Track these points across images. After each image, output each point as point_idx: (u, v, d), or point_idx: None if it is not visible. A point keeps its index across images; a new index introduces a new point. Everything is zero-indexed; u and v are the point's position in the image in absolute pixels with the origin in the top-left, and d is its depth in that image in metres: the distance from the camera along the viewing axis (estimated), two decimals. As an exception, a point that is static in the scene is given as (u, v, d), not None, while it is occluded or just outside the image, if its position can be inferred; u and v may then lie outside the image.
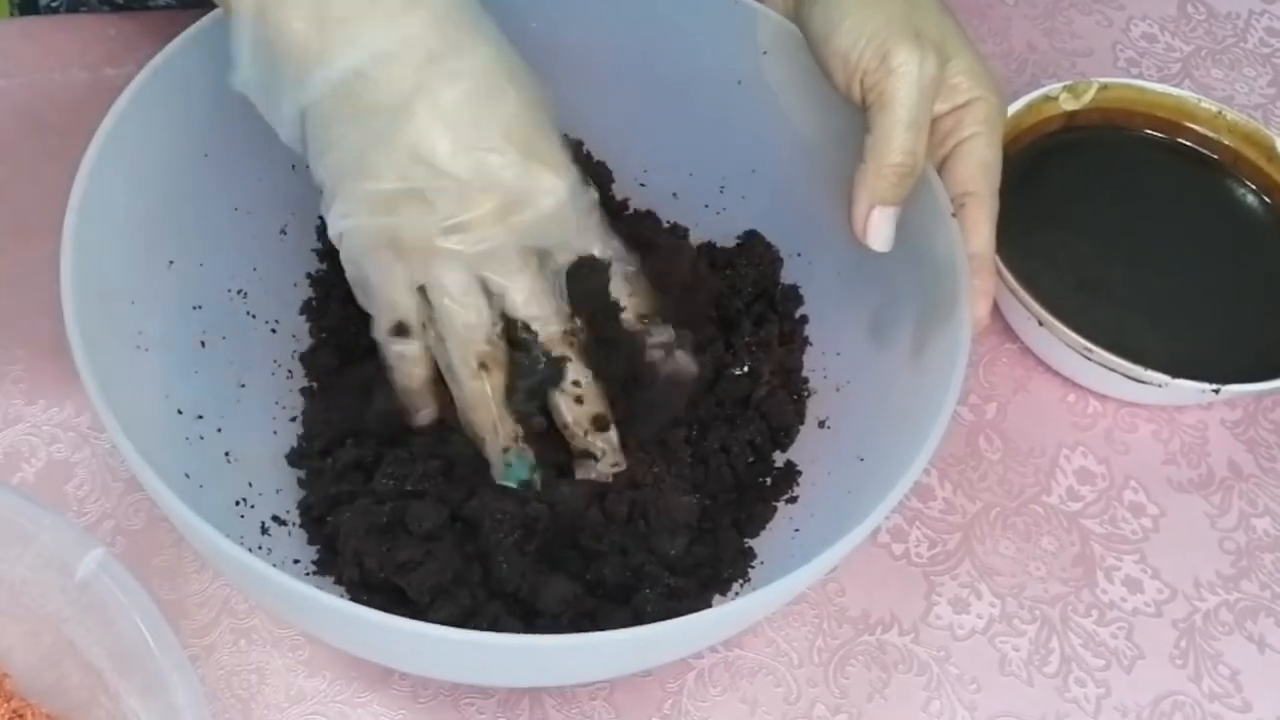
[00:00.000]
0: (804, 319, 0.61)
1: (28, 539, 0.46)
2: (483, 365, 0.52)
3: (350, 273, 0.53)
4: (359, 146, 0.49)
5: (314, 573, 0.52)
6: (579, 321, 0.53)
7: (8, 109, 0.68)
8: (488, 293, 0.52)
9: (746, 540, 0.55)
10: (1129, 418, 0.66)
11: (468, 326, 0.52)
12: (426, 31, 0.48)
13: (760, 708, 0.54)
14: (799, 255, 0.62)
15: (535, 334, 0.52)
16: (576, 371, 0.53)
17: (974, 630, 0.58)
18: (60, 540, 0.46)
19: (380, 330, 0.53)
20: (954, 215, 0.53)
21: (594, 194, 0.53)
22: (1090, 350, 0.61)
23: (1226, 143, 0.71)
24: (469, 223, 0.49)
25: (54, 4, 0.72)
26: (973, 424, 0.64)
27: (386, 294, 0.52)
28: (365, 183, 0.49)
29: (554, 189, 0.50)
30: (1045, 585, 0.59)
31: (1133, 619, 0.59)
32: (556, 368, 0.53)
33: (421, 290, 0.52)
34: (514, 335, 0.52)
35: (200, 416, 0.53)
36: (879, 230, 0.53)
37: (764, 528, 0.56)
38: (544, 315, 0.52)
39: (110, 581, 0.45)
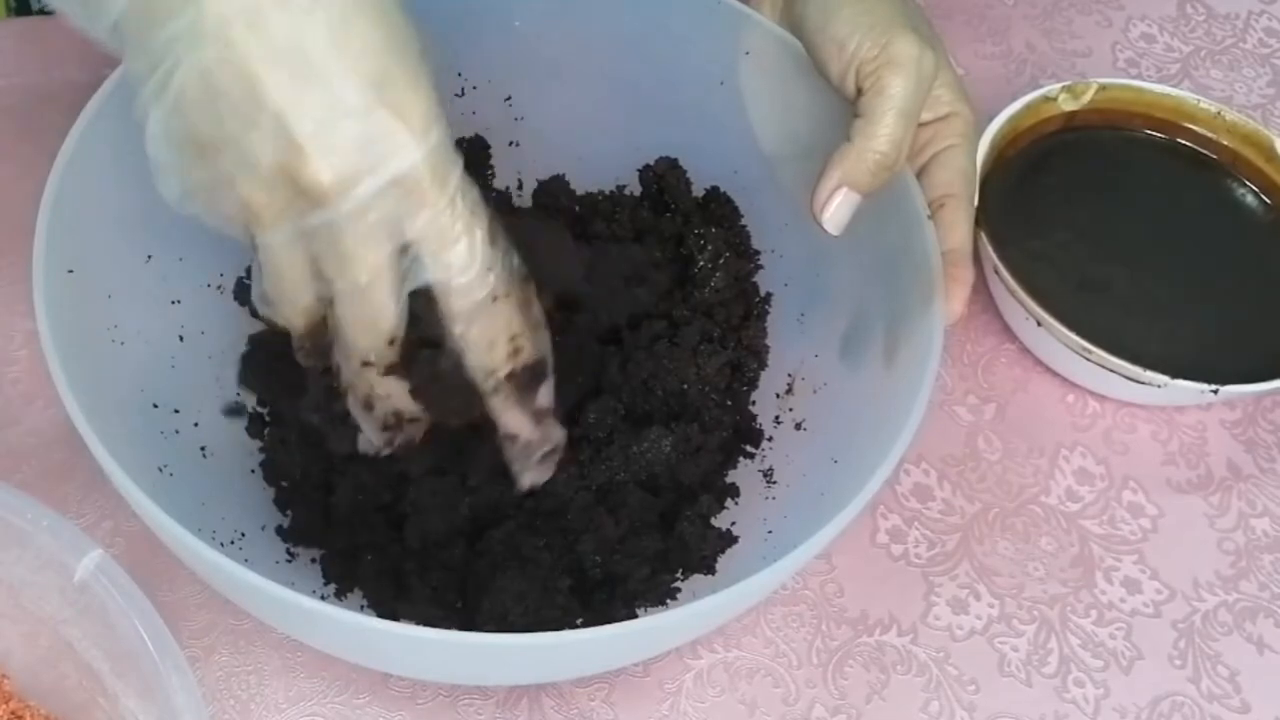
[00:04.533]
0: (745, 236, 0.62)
1: (26, 540, 0.46)
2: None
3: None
4: (166, 84, 0.41)
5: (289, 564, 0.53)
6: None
7: (7, 109, 0.68)
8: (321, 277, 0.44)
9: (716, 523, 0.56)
10: (1128, 418, 0.66)
11: (287, 320, 0.46)
12: None
13: (759, 709, 0.54)
14: (779, 254, 0.62)
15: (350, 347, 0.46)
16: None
17: (973, 631, 0.58)
18: (59, 541, 0.46)
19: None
20: (930, 218, 0.53)
21: (459, 168, 0.44)
22: (1089, 351, 0.61)
23: (1226, 143, 0.71)
24: (298, 184, 0.41)
25: (48, 9, 0.72)
26: (971, 424, 0.64)
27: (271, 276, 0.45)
28: (175, 131, 0.42)
29: (406, 149, 0.41)
30: (1044, 586, 0.59)
31: (1131, 620, 0.59)
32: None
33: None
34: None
35: (177, 411, 0.53)
36: (838, 212, 0.52)
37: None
38: (369, 320, 0.45)
39: (108, 583, 0.45)
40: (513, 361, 0.47)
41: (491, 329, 0.46)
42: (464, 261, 0.44)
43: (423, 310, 0.45)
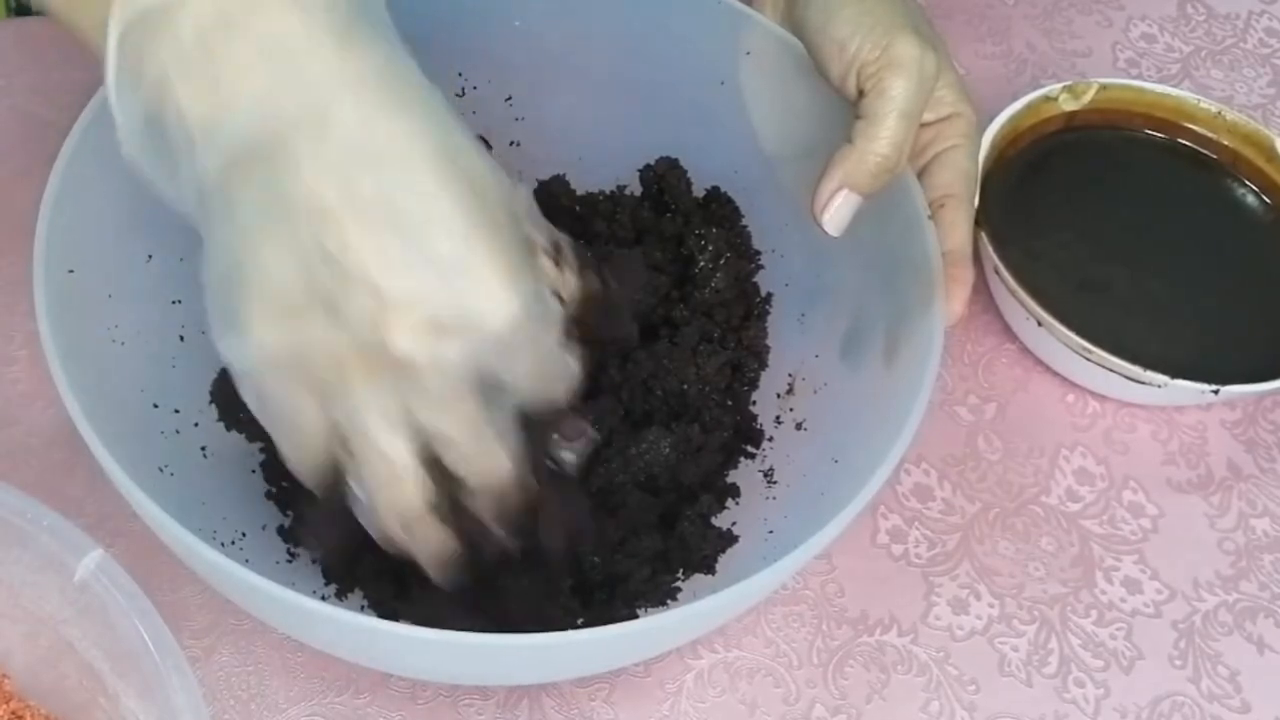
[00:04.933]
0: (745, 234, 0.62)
1: (26, 540, 0.46)
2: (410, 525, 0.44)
3: (252, 406, 0.44)
4: (249, 241, 0.40)
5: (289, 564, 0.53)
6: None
7: (7, 109, 0.68)
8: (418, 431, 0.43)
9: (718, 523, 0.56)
10: (1128, 418, 0.66)
11: (391, 477, 0.43)
12: (333, 89, 0.39)
13: (759, 709, 0.54)
14: (780, 255, 0.62)
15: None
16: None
17: (973, 631, 0.58)
18: (59, 541, 0.46)
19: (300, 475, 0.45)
20: (930, 218, 0.53)
21: (555, 308, 0.44)
22: (1090, 351, 0.61)
23: (1226, 143, 0.71)
24: (386, 344, 0.40)
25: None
26: (972, 424, 0.64)
27: (295, 436, 0.44)
28: (257, 289, 0.41)
29: (501, 305, 0.41)
30: (1044, 586, 0.59)
31: (1132, 620, 0.59)
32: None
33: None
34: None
35: (177, 411, 0.53)
36: (839, 213, 0.53)
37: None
38: (481, 470, 0.44)
39: (109, 583, 0.45)
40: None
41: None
42: (567, 393, 0.45)
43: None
